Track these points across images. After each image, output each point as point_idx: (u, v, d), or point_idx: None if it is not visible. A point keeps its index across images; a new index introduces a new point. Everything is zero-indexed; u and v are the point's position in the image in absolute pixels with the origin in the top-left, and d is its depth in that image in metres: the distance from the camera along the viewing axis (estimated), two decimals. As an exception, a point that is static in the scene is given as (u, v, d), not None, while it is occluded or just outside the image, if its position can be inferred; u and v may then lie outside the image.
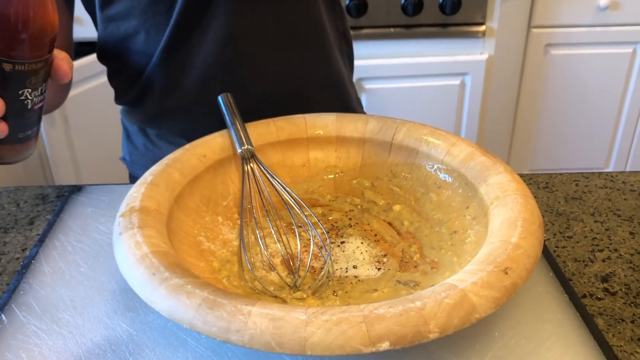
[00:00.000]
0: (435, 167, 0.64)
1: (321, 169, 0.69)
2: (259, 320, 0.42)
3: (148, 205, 0.54)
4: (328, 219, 0.64)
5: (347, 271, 0.57)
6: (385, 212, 0.65)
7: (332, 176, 0.69)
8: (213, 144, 0.64)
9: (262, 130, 0.67)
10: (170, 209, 0.56)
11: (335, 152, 0.69)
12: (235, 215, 0.63)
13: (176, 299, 0.44)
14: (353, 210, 0.66)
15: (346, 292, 0.54)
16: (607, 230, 0.67)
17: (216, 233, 0.60)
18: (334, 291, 0.54)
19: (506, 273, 0.46)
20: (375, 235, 0.62)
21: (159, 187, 0.57)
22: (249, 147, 0.63)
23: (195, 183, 0.61)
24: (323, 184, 0.68)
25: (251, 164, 0.62)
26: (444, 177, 0.63)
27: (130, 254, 0.48)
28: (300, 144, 0.68)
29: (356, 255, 0.59)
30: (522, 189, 0.56)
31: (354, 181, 0.68)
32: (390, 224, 0.63)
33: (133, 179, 0.90)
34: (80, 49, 1.67)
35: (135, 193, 0.55)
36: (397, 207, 0.65)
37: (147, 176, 0.58)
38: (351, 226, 0.63)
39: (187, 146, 0.63)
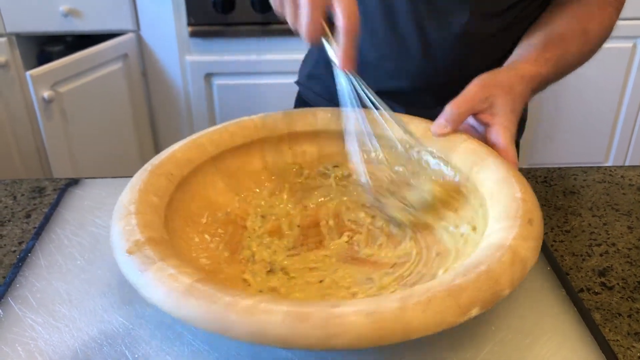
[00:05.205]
0: (396, 145, 0.64)
1: (281, 169, 0.67)
2: (355, 318, 0.41)
3: (153, 235, 0.50)
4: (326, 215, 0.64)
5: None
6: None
7: (296, 171, 0.67)
8: (174, 160, 0.60)
9: (215, 138, 0.63)
10: (168, 235, 0.53)
11: (290, 150, 0.67)
12: (219, 229, 0.60)
13: (257, 319, 0.41)
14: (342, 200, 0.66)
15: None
16: (605, 224, 0.66)
17: (212, 252, 0.57)
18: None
19: (531, 224, 0.49)
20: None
21: (147, 215, 0.53)
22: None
23: (171, 205, 0.57)
24: (294, 184, 0.67)
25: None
26: (408, 154, 0.63)
27: (171, 288, 0.44)
28: (255, 147, 0.66)
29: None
30: (494, 153, 0.58)
31: (320, 168, 0.67)
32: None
33: (299, 101, 0.94)
34: (79, 42, 1.67)
35: (128, 226, 0.51)
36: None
37: (128, 206, 0.53)
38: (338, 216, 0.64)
39: (148, 166, 0.58)
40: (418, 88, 0.80)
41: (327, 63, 0.87)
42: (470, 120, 0.64)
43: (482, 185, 0.56)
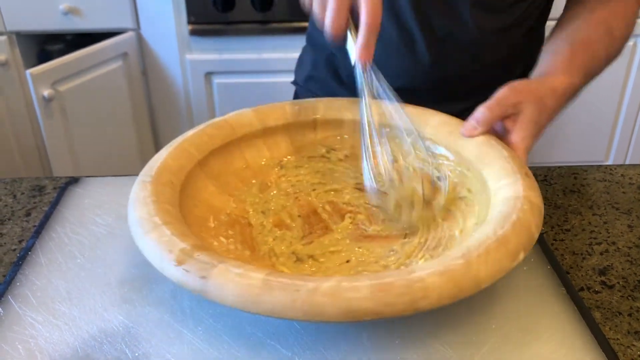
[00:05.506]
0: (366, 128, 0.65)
1: (261, 165, 0.67)
2: (432, 279, 0.43)
3: (195, 243, 0.49)
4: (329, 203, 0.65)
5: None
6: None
7: (277, 169, 0.68)
8: (168, 169, 0.59)
9: (199, 142, 0.63)
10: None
11: (265, 144, 0.68)
12: (229, 231, 0.60)
13: (345, 297, 0.42)
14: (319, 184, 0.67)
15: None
16: (605, 223, 0.66)
17: (234, 253, 0.57)
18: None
19: (529, 176, 0.54)
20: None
21: (175, 224, 0.52)
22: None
23: (182, 212, 0.56)
24: (278, 178, 0.67)
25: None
26: (381, 131, 0.64)
27: (248, 286, 0.44)
28: (233, 147, 0.66)
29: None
30: (461, 122, 0.61)
31: (298, 157, 0.68)
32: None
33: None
34: (79, 41, 1.67)
35: (163, 237, 0.49)
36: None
37: (152, 218, 0.51)
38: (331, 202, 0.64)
39: (146, 178, 0.57)
40: (424, 86, 0.80)
41: (327, 64, 0.87)
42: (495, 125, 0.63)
43: (464, 151, 0.60)
